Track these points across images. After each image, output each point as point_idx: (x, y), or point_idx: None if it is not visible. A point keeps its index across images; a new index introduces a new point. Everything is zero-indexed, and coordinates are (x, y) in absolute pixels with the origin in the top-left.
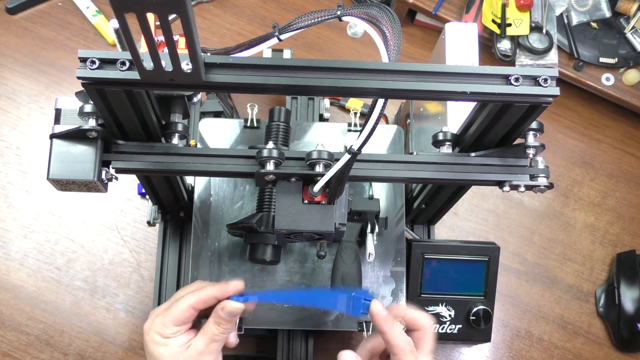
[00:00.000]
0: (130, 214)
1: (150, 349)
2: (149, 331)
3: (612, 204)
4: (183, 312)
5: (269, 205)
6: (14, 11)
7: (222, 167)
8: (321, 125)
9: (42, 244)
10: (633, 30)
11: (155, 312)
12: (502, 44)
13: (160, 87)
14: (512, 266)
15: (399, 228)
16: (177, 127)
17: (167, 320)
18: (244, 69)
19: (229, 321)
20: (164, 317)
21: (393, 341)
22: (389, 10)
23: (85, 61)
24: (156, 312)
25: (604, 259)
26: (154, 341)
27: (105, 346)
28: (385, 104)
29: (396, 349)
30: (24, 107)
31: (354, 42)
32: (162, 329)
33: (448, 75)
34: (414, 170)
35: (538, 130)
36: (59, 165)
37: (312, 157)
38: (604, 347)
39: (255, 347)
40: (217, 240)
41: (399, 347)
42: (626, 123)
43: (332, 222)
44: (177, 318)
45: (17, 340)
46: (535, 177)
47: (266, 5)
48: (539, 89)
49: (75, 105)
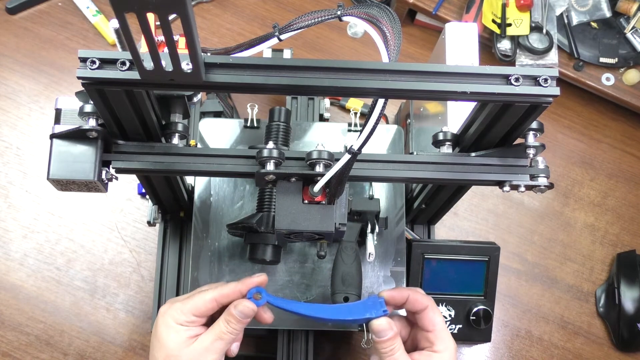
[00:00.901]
0: (130, 214)
1: (159, 332)
2: (164, 313)
3: (612, 204)
4: (205, 303)
5: (269, 205)
6: (14, 11)
7: (222, 167)
8: (321, 125)
9: (42, 244)
10: (633, 30)
11: (176, 299)
12: (502, 44)
13: (161, 87)
14: (512, 266)
15: (399, 228)
16: (177, 127)
17: (187, 308)
18: (244, 69)
19: (240, 321)
20: (184, 305)
21: None
22: (389, 10)
23: (85, 61)
24: (176, 299)
25: (604, 259)
26: (166, 324)
27: (105, 346)
28: (385, 104)
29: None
30: (24, 107)
31: (354, 42)
32: (179, 315)
33: (448, 75)
34: (414, 170)
35: (538, 130)
36: (59, 165)
37: (312, 157)
38: (604, 347)
39: (255, 347)
40: (217, 240)
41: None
42: (626, 123)
43: (332, 222)
44: (198, 307)
45: (17, 340)
46: (535, 177)
47: (266, 5)
48: (539, 89)
49: (75, 105)
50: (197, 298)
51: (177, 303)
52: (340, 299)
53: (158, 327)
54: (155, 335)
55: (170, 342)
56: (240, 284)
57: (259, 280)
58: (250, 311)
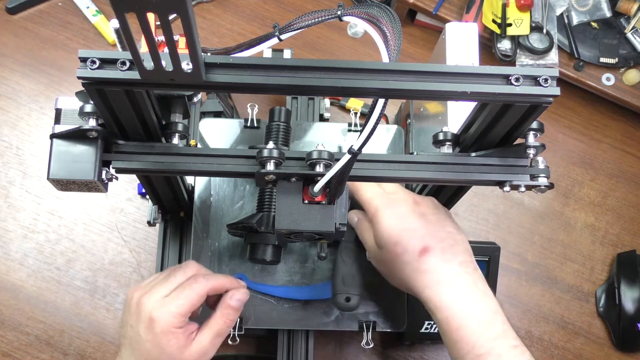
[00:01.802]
0: (130, 214)
1: (159, 340)
2: (158, 320)
3: (612, 204)
4: (200, 300)
5: (269, 205)
6: (14, 11)
7: (222, 167)
8: (321, 125)
9: (42, 244)
10: (633, 30)
11: (157, 291)
12: (503, 44)
13: (161, 87)
14: (512, 266)
15: None
16: (178, 127)
17: (183, 311)
18: (244, 69)
19: (238, 310)
20: (177, 308)
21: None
22: (389, 10)
23: (86, 61)
24: (158, 291)
25: (604, 259)
26: (164, 331)
27: (105, 346)
28: (385, 104)
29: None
30: (24, 107)
31: (354, 42)
32: (176, 319)
33: (448, 75)
34: (414, 170)
35: (538, 130)
36: (59, 165)
37: (313, 157)
38: (604, 347)
39: (255, 347)
40: (217, 240)
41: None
42: (626, 123)
43: (332, 222)
44: (193, 306)
45: (17, 340)
46: (535, 177)
47: (266, 5)
48: (540, 89)
49: (75, 105)
50: (190, 295)
51: (167, 306)
52: (341, 299)
53: (155, 334)
54: (153, 343)
55: (171, 347)
56: (228, 281)
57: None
58: (247, 296)
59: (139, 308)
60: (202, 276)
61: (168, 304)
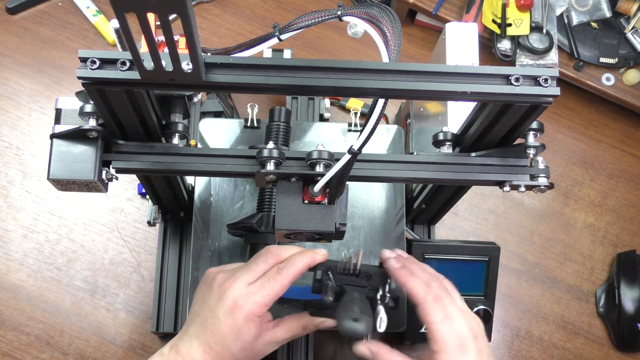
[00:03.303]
0: (130, 214)
1: (239, 326)
2: (241, 307)
3: (612, 204)
4: (283, 290)
5: (269, 205)
6: (14, 11)
7: (222, 167)
8: (321, 125)
9: (42, 244)
10: (633, 30)
11: (242, 278)
12: (503, 44)
13: (161, 87)
14: (512, 266)
15: (399, 228)
16: (178, 127)
17: (268, 301)
18: (244, 69)
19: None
20: (263, 298)
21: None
22: (389, 10)
23: (86, 61)
24: (243, 278)
25: (604, 259)
26: (247, 318)
27: (105, 346)
28: (385, 104)
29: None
30: (24, 107)
31: (354, 42)
32: (260, 308)
33: (448, 75)
34: (414, 170)
35: (538, 130)
36: (60, 165)
37: (313, 157)
38: (604, 347)
39: None
40: (217, 240)
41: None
42: (626, 123)
43: (332, 222)
44: (278, 296)
45: (17, 340)
46: (535, 177)
47: (266, 5)
48: (539, 89)
49: (75, 105)
50: (275, 287)
51: (254, 295)
52: (348, 321)
53: (236, 320)
54: (232, 328)
55: (248, 335)
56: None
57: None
58: None
59: (221, 290)
60: (286, 267)
61: (254, 293)
